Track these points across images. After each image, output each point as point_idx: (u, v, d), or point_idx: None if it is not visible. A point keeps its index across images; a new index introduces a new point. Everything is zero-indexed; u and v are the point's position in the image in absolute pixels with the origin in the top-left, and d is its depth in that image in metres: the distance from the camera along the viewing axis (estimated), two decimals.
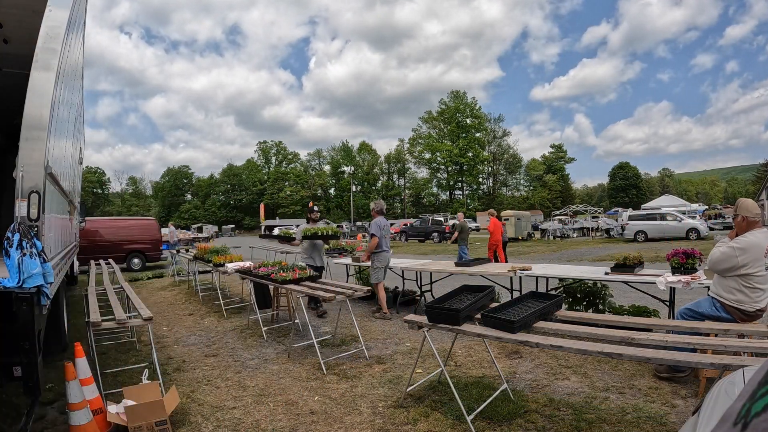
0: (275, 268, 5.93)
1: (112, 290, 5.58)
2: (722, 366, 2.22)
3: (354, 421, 3.24)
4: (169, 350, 5.29)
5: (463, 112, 67.13)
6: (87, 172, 61.09)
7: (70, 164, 5.51)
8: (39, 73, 2.87)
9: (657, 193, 65.80)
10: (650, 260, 10.25)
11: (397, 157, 73.32)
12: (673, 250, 4.54)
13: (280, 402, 3.63)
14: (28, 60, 2.93)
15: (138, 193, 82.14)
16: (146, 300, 7.85)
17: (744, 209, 3.45)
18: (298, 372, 4.34)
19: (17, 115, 2.89)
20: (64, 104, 3.81)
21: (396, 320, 6.34)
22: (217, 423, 3.29)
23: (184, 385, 4.06)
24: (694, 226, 19.65)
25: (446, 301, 3.45)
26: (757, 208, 3.55)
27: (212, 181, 77.88)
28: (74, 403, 2.90)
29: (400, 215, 65.60)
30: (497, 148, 70.92)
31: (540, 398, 3.47)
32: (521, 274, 5.56)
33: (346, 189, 68.21)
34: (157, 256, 15.59)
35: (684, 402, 3.29)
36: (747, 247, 3.30)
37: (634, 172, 70.01)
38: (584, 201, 58.62)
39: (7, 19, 4.46)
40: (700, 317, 3.41)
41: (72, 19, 3.51)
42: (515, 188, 73.27)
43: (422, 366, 4.27)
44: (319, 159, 79.93)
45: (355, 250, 9.40)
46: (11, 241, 2.44)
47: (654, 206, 31.87)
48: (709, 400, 1.49)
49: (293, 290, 5.02)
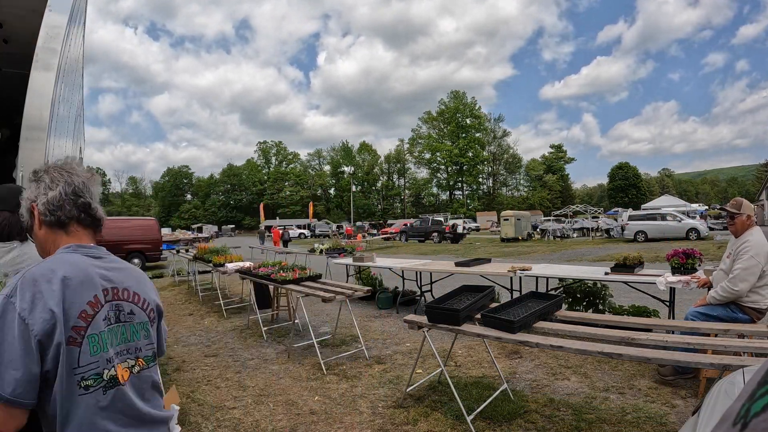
0: (275, 268, 5.93)
1: None
2: (722, 366, 2.22)
3: (354, 421, 3.24)
4: (169, 350, 5.29)
5: (462, 112, 67.17)
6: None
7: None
8: (39, 73, 2.87)
9: (657, 194, 65.88)
10: (650, 260, 10.25)
11: (397, 157, 73.35)
12: (673, 250, 4.53)
13: (280, 402, 3.64)
14: (28, 60, 2.93)
15: (138, 193, 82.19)
16: None
17: (749, 208, 3.48)
18: (298, 372, 4.34)
19: (17, 115, 2.89)
20: (64, 103, 3.81)
21: (396, 320, 6.34)
22: (217, 423, 3.29)
23: (184, 385, 4.06)
24: (694, 226, 19.66)
25: (446, 301, 3.45)
26: (753, 208, 3.60)
27: (212, 181, 77.95)
28: None
29: (400, 215, 65.65)
30: (497, 148, 70.98)
31: (540, 398, 3.47)
32: (521, 274, 5.56)
33: (346, 189, 68.23)
34: (157, 256, 15.59)
35: (684, 402, 3.29)
36: (761, 251, 3.32)
37: (634, 173, 70.03)
38: (584, 201, 58.64)
39: (7, 19, 4.46)
40: (714, 320, 3.39)
41: (72, 17, 3.51)
42: (515, 188, 73.35)
43: (422, 366, 4.27)
44: (319, 159, 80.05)
45: (355, 250, 9.41)
46: None
47: (654, 206, 31.89)
48: (709, 400, 1.49)
49: (293, 290, 5.02)
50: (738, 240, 3.47)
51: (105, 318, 1.09)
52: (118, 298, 1.15)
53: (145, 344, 1.20)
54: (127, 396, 1.10)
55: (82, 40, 6.07)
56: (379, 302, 7.36)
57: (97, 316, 1.08)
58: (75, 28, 4.03)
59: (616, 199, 66.00)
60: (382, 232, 34.14)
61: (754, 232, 3.41)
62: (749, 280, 3.28)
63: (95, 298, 1.08)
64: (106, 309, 1.11)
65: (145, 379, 1.18)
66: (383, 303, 7.33)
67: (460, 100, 67.86)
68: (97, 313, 1.08)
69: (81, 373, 1.02)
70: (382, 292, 7.52)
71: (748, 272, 3.28)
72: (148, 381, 1.19)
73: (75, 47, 4.45)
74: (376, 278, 8.17)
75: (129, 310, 1.17)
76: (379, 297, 7.40)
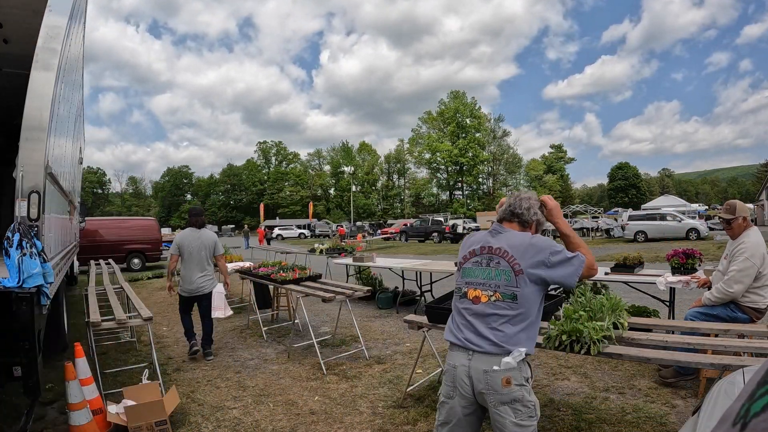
0: (275, 268, 5.94)
1: (112, 290, 5.58)
2: (722, 366, 2.23)
3: (354, 421, 3.24)
4: (169, 350, 5.29)
5: (462, 113, 67.12)
6: (87, 172, 61.12)
7: (70, 164, 5.51)
8: (39, 73, 2.87)
9: (657, 194, 65.85)
10: (650, 260, 10.24)
11: (397, 157, 73.33)
12: (673, 251, 4.53)
13: (280, 402, 3.63)
14: (28, 60, 2.93)
15: (138, 193, 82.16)
16: (146, 300, 7.84)
17: (743, 211, 3.48)
18: (298, 372, 4.34)
19: (17, 115, 2.89)
20: (64, 103, 3.80)
21: (396, 320, 6.34)
22: (217, 423, 3.29)
23: (184, 385, 4.06)
24: (694, 227, 19.64)
25: (446, 301, 3.44)
26: (748, 209, 3.61)
27: (212, 181, 77.90)
28: (74, 403, 2.90)
29: (400, 215, 65.63)
30: (497, 148, 70.95)
31: (540, 398, 3.46)
32: None
33: (346, 189, 68.20)
34: (157, 256, 15.58)
35: (684, 402, 3.29)
36: (756, 253, 3.32)
37: (634, 173, 70.01)
38: (584, 201, 58.66)
39: (7, 19, 4.46)
40: (714, 320, 3.39)
41: (72, 16, 3.50)
42: (515, 188, 73.27)
43: (422, 366, 4.27)
44: (319, 159, 79.99)
45: (355, 250, 9.41)
46: (11, 241, 2.44)
47: (654, 206, 31.88)
48: (709, 400, 1.49)
49: (293, 290, 5.02)
50: (735, 241, 3.47)
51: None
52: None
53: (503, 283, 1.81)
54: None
55: (83, 41, 6.07)
56: (379, 302, 7.36)
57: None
58: (75, 25, 4.03)
59: (616, 199, 65.99)
60: (382, 233, 34.12)
61: (750, 233, 3.41)
62: (744, 281, 3.28)
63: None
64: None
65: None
66: (383, 303, 7.33)
67: (460, 100, 67.79)
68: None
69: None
70: (382, 292, 7.52)
71: (743, 274, 3.28)
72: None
73: (75, 46, 4.45)
74: (376, 278, 8.16)
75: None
76: (379, 297, 7.40)
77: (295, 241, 36.71)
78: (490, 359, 1.71)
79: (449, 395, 1.82)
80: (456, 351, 1.83)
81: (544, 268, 1.78)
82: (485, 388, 1.70)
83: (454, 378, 1.79)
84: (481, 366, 1.72)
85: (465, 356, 1.77)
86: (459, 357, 1.79)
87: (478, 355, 1.73)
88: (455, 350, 1.83)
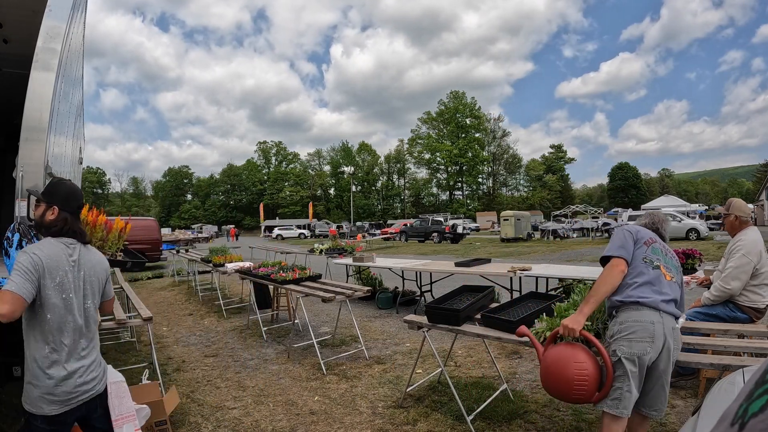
0: (275, 268, 5.94)
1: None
2: (722, 366, 2.23)
3: (354, 421, 3.24)
4: (168, 350, 5.29)
5: (462, 113, 67.17)
6: (87, 172, 61.18)
7: (70, 164, 5.50)
8: (39, 74, 2.87)
9: (657, 194, 65.82)
10: None
11: (397, 157, 73.36)
12: (673, 251, 4.53)
13: (279, 402, 3.64)
14: (28, 60, 2.93)
15: (138, 193, 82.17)
16: (146, 300, 7.85)
17: (737, 209, 3.49)
18: (298, 372, 4.34)
19: (17, 115, 2.89)
20: (63, 101, 3.81)
21: (396, 320, 6.34)
22: (217, 423, 3.29)
23: (184, 385, 4.06)
24: (694, 227, 19.65)
25: (446, 301, 3.45)
26: (749, 208, 3.58)
27: (212, 181, 77.95)
28: None
29: (400, 215, 65.65)
30: (497, 148, 70.97)
31: (540, 398, 3.47)
32: (521, 274, 5.56)
33: (346, 189, 68.21)
34: (157, 256, 15.58)
35: (684, 402, 3.29)
36: (753, 249, 3.32)
37: (634, 173, 70.03)
38: (584, 201, 58.66)
39: (7, 19, 4.45)
40: (713, 320, 3.39)
41: (72, 15, 3.51)
42: (515, 188, 73.34)
43: (422, 366, 4.27)
44: (319, 159, 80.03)
45: (355, 251, 9.41)
46: (11, 241, 2.44)
47: (654, 206, 31.85)
48: (709, 401, 1.49)
49: (293, 290, 5.02)
50: (733, 239, 3.49)
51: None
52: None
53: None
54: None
55: (83, 36, 6.06)
56: (379, 302, 7.36)
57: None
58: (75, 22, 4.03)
59: (615, 200, 65.99)
60: (382, 233, 34.13)
61: (748, 231, 3.43)
62: (741, 278, 3.29)
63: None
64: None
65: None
66: (383, 303, 7.33)
67: (460, 101, 67.84)
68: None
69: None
70: (382, 292, 7.52)
71: (740, 270, 3.29)
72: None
73: (75, 41, 4.45)
74: (376, 278, 8.16)
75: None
76: (379, 297, 7.40)
77: (295, 241, 36.72)
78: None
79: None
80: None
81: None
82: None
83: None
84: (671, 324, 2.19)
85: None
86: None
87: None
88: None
